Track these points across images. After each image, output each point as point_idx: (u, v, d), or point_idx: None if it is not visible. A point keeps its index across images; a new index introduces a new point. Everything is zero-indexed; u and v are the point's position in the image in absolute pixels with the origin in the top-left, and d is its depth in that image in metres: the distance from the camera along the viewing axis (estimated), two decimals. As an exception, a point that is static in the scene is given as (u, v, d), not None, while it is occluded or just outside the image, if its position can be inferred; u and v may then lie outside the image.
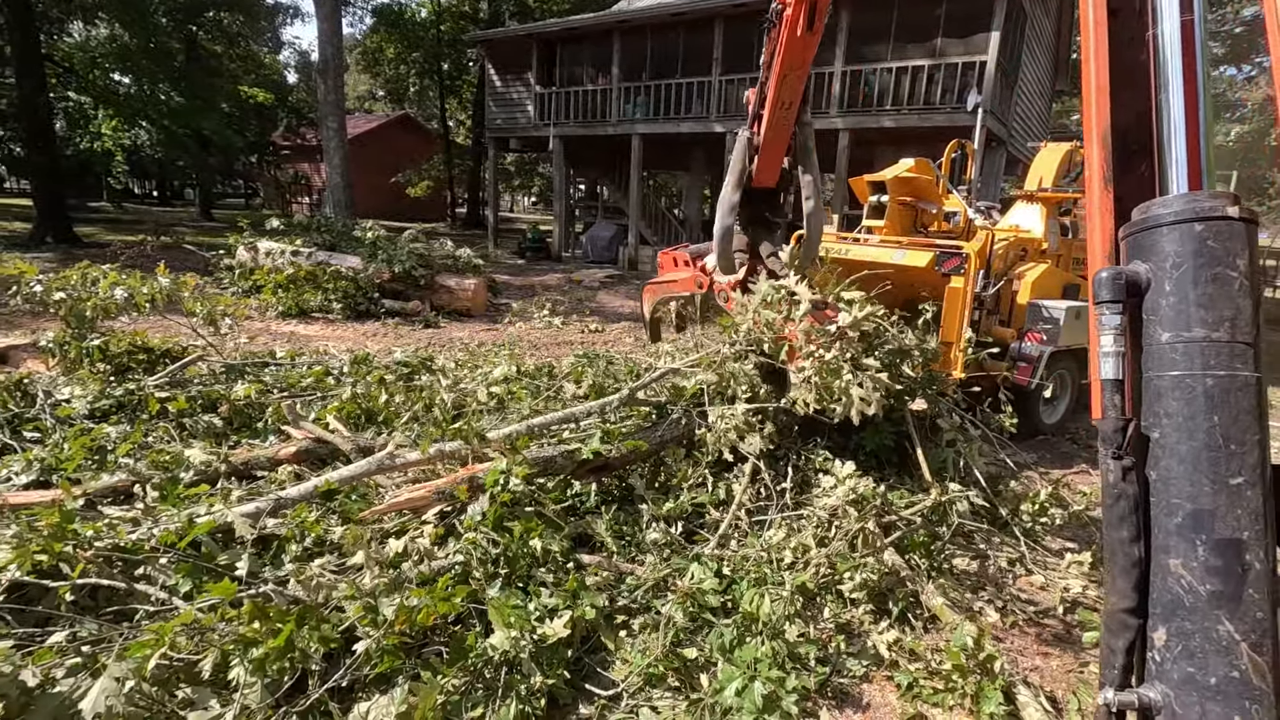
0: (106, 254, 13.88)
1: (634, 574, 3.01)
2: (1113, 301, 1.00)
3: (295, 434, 3.76)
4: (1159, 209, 1.00)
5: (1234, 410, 0.91)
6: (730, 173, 3.83)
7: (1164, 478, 0.95)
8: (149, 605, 2.32)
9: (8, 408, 3.66)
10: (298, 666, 2.05)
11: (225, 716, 1.86)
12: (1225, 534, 0.89)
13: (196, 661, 2.00)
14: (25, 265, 4.04)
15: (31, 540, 2.27)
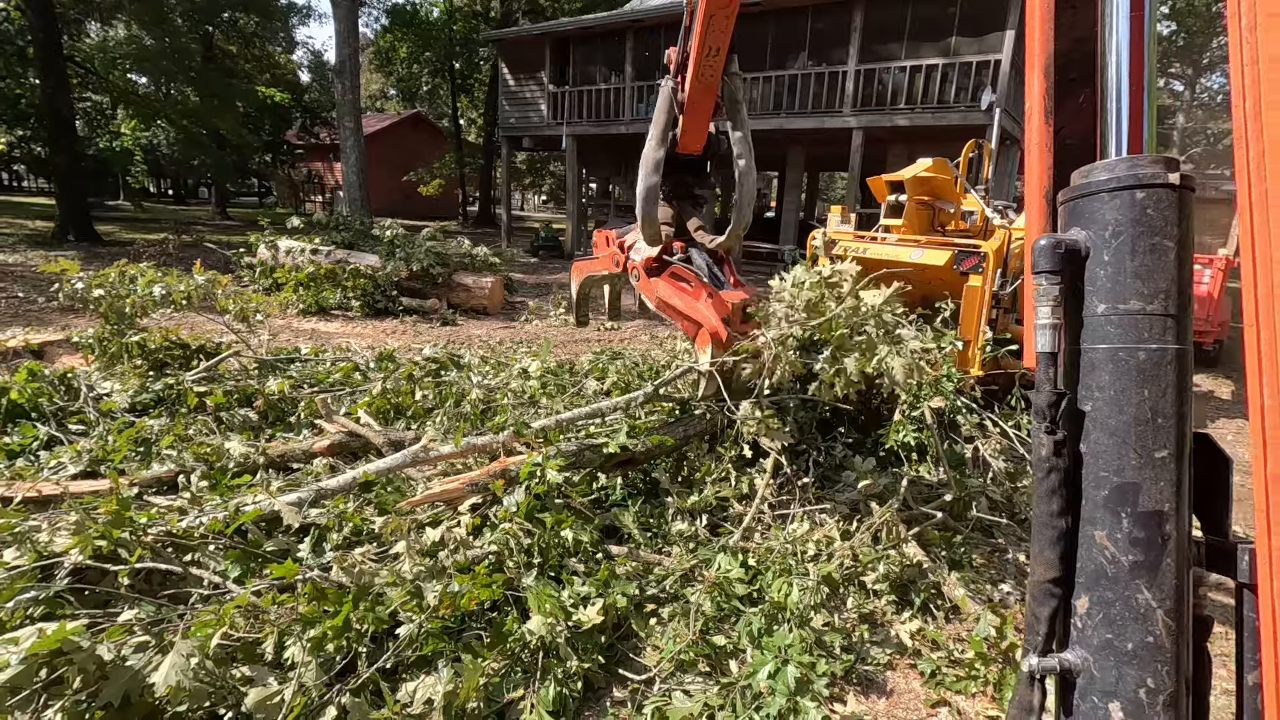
0: (130, 252, 14.11)
1: (661, 564, 3.09)
2: (1052, 271, 0.97)
3: (329, 428, 3.87)
4: (1100, 173, 0.97)
5: (1164, 384, 0.91)
6: (654, 126, 3.41)
7: (1094, 451, 0.96)
8: (201, 589, 2.42)
9: (53, 401, 3.78)
10: (350, 647, 2.14)
11: (284, 693, 1.95)
12: (1149, 506, 0.91)
13: (255, 641, 2.10)
14: (67, 263, 4.16)
15: (91, 527, 2.38)
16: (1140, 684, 0.90)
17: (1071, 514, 0.97)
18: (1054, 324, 0.97)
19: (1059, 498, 0.96)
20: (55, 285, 4.41)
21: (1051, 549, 0.97)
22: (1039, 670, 0.95)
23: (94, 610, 2.30)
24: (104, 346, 4.27)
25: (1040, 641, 0.97)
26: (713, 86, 3.40)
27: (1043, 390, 0.97)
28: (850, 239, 5.64)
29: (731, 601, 2.85)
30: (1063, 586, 0.97)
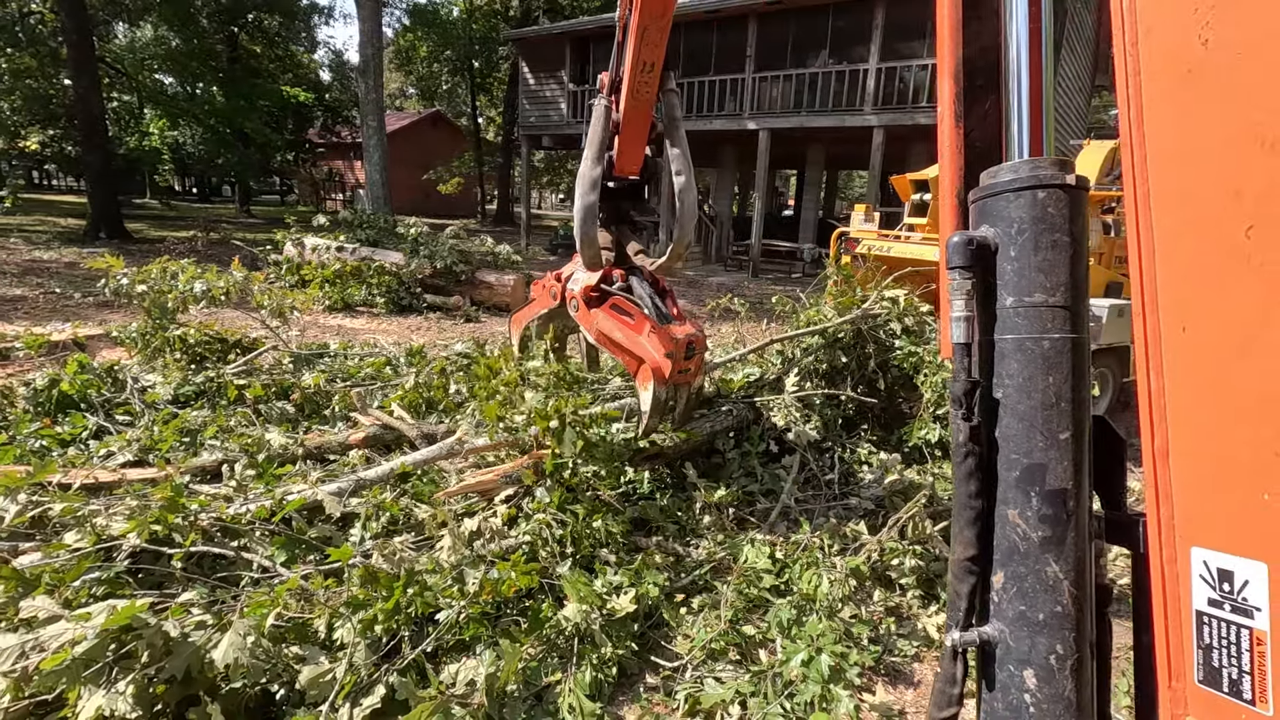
0: (160, 249, 14.41)
1: (690, 556, 3.15)
2: (964, 267, 1.02)
3: (364, 421, 3.97)
4: (1005, 174, 1.03)
5: (1065, 370, 0.97)
6: (589, 145, 3.24)
7: (1005, 435, 1.01)
8: (251, 573, 2.52)
9: (101, 392, 3.92)
10: (397, 630, 2.22)
11: (336, 670, 2.04)
12: (1055, 485, 0.96)
13: (305, 622, 2.19)
14: (113, 260, 4.30)
15: (147, 512, 2.48)
16: (1051, 651, 0.96)
17: (987, 495, 1.02)
18: (967, 316, 1.02)
19: (975, 480, 1.01)
20: (100, 282, 4.55)
21: (970, 529, 1.01)
22: (961, 644, 1.00)
23: (150, 590, 2.41)
24: (146, 341, 4.41)
25: (961, 617, 1.01)
26: (648, 104, 3.24)
27: (959, 379, 1.02)
28: (874, 237, 5.67)
29: (760, 593, 2.91)
30: (980, 564, 1.02)
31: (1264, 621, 0.73)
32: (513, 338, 4.36)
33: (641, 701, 2.37)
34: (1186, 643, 0.81)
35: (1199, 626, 0.79)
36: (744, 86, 16.13)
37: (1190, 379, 0.78)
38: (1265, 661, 0.72)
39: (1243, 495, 0.74)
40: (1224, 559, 0.76)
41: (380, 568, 2.35)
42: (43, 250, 14.04)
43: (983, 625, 1.02)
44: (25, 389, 3.93)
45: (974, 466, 1.01)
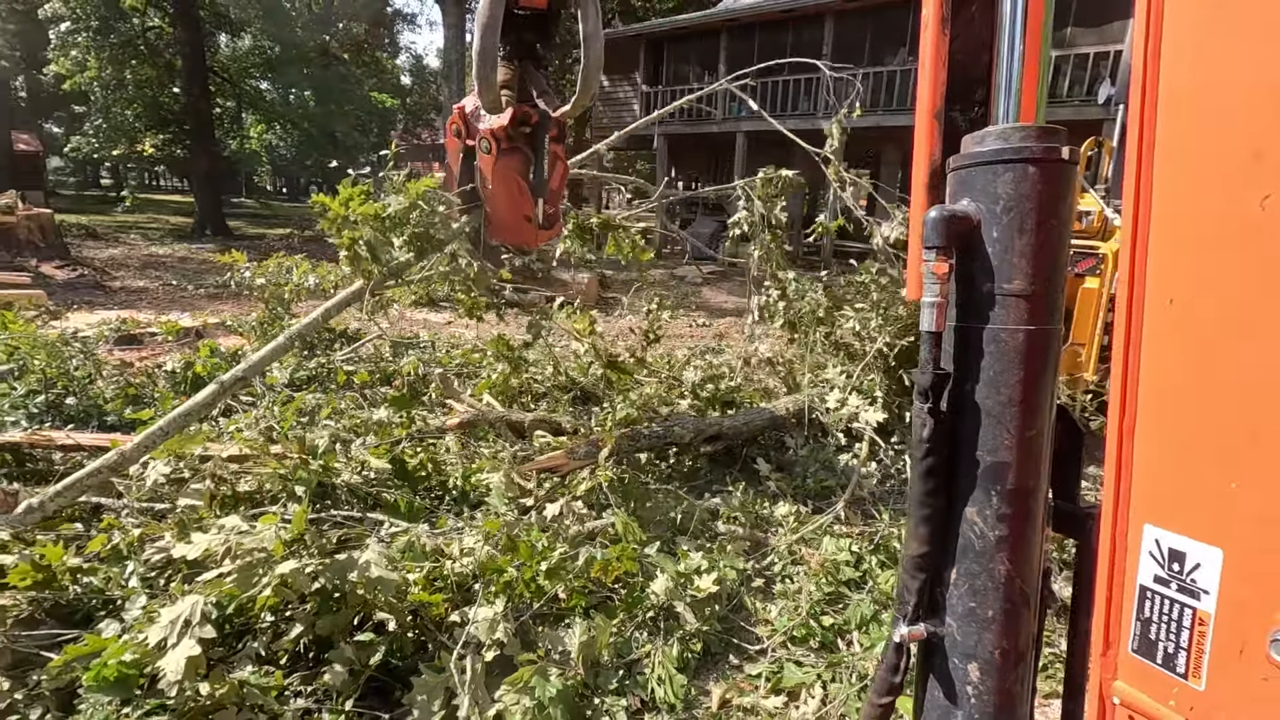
0: (261, 246, 15.44)
1: (768, 545, 3.26)
2: (942, 248, 0.92)
3: (458, 407, 4.24)
4: (993, 142, 0.92)
5: (1038, 364, 0.91)
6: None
7: (969, 431, 0.95)
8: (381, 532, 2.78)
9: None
10: (521, 594, 2.43)
11: (483, 614, 2.24)
12: (1017, 484, 0.93)
13: (442, 575, 2.43)
14: (238, 254, 4.73)
15: (308, 473, 2.80)
16: (997, 646, 0.96)
17: (946, 493, 0.99)
18: (939, 302, 0.94)
19: (935, 477, 0.97)
20: (209, 275, 4.99)
21: (925, 525, 0.98)
22: (908, 638, 1.00)
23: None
24: (264, 329, 4.82)
25: (910, 611, 1.01)
26: None
27: (926, 370, 0.95)
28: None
29: (838, 586, 2.98)
30: (932, 560, 1.00)
31: (1210, 604, 0.72)
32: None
33: (726, 678, 2.50)
34: (1126, 614, 0.81)
35: (1141, 600, 0.79)
36: (819, 86, 15.95)
37: (1170, 355, 0.74)
38: (1205, 641, 0.73)
39: (1208, 480, 0.72)
40: (1177, 540, 0.75)
41: (521, 539, 2.55)
42: (158, 246, 15.26)
43: (930, 618, 1.02)
44: (164, 370, 4.38)
45: (935, 463, 0.96)
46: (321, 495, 3.04)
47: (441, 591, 2.39)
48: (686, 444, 3.88)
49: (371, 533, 2.66)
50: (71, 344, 4.41)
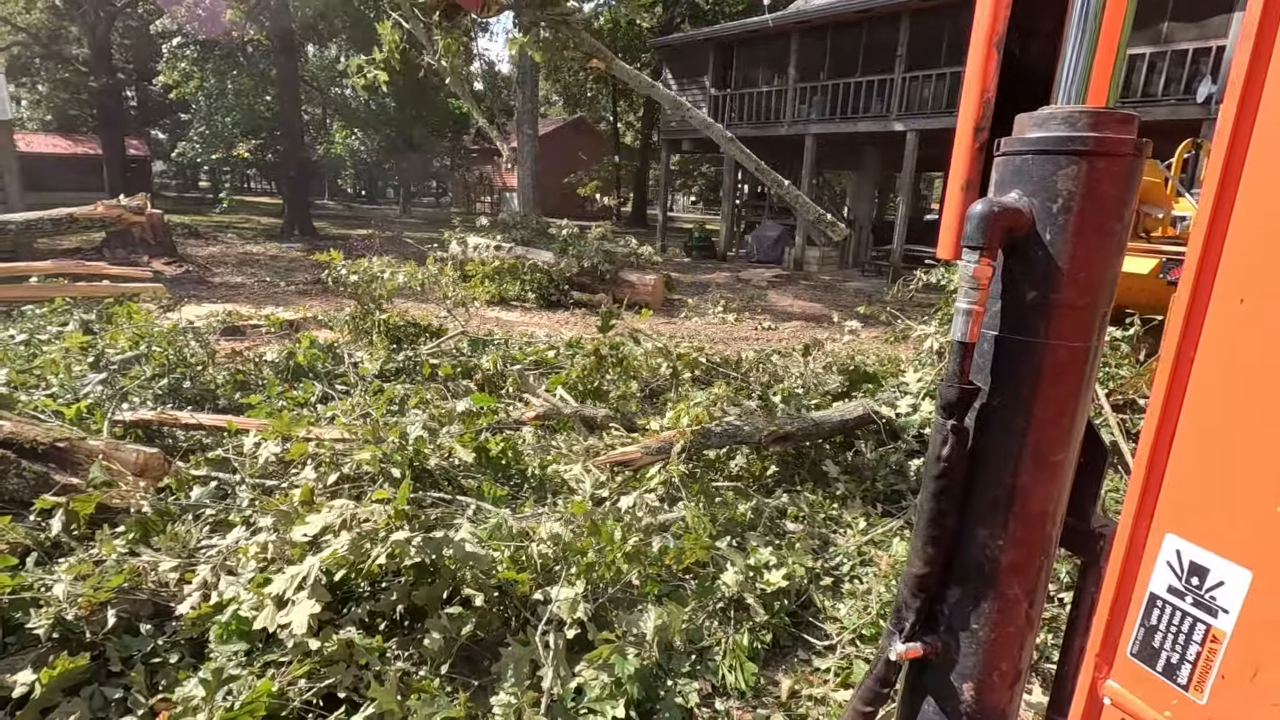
0: (345, 246, 16.29)
1: (836, 545, 3.29)
2: (985, 248, 0.81)
3: (534, 401, 4.43)
4: (1059, 127, 0.79)
5: (1076, 384, 0.83)
6: None
7: (994, 450, 0.88)
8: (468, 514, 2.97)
9: (325, 365, 4.64)
10: (603, 577, 2.57)
11: (565, 594, 2.39)
12: (1036, 509, 0.88)
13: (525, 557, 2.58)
14: (334, 253, 5.07)
15: (403, 456, 3.03)
16: (994, 668, 0.93)
17: (958, 513, 0.92)
18: (975, 309, 0.83)
19: (949, 497, 0.91)
20: (299, 272, 5.35)
21: (933, 547, 0.93)
22: (903, 655, 0.97)
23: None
24: (356, 324, 5.15)
25: (907, 628, 0.98)
26: None
27: (953, 383, 0.87)
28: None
29: (908, 589, 2.99)
30: (935, 580, 0.96)
31: (1227, 623, 0.68)
32: None
33: (795, 671, 2.56)
34: (1130, 617, 0.77)
35: (1148, 606, 0.75)
36: (892, 87, 15.63)
37: (1232, 359, 0.67)
38: (1215, 659, 0.70)
39: (1250, 499, 0.66)
40: (1202, 554, 0.70)
41: (603, 524, 2.69)
42: (251, 244, 16.29)
43: (926, 635, 0.98)
44: (267, 360, 4.74)
45: (951, 484, 0.90)
46: (414, 479, 3.25)
47: (526, 571, 2.54)
48: (755, 443, 3.94)
49: (460, 514, 2.85)
50: (186, 334, 4.82)
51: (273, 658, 2.20)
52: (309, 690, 2.10)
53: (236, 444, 3.41)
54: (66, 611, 2.19)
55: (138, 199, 9.51)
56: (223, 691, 2.04)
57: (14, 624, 2.19)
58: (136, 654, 2.22)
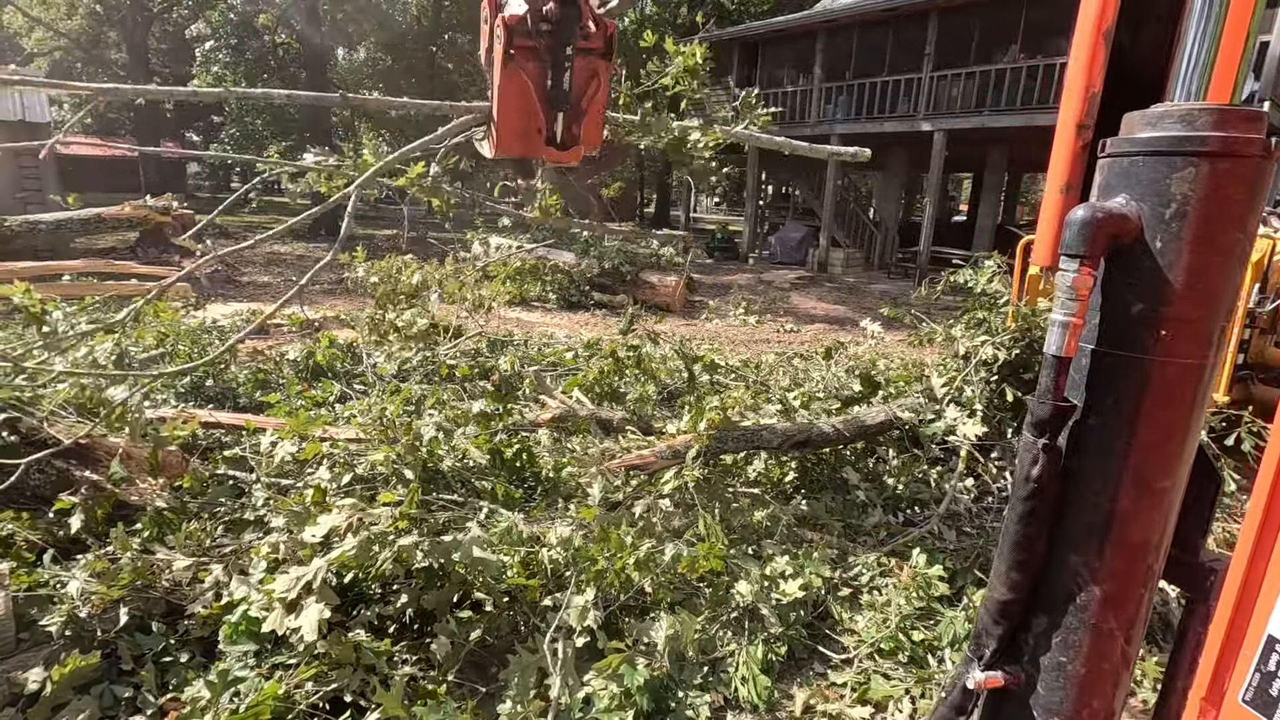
0: (369, 246, 16.51)
1: (855, 554, 3.21)
2: (1086, 256, 0.74)
3: (550, 403, 4.40)
4: (1174, 125, 0.71)
5: (1186, 404, 0.76)
6: None
7: (1089, 472, 0.82)
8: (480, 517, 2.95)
9: (343, 365, 4.67)
10: (613, 584, 2.52)
11: (576, 601, 2.35)
12: (1136, 538, 0.81)
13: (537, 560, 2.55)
14: (357, 253, 5.10)
15: (415, 458, 3.01)
16: (1085, 705, 0.85)
17: (1047, 538, 0.86)
18: (1073, 321, 0.77)
19: (1038, 520, 0.85)
20: (326, 272, 5.39)
21: (1019, 572, 0.87)
22: (982, 684, 0.92)
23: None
24: (375, 324, 5.17)
25: (987, 656, 0.93)
26: None
27: (1046, 400, 0.81)
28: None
29: (930, 601, 2.90)
30: (1020, 607, 0.90)
31: None
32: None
33: (810, 684, 2.49)
34: (1243, 661, 0.71)
35: (1266, 651, 0.68)
36: (919, 86, 15.39)
37: None
38: None
39: None
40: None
41: (614, 530, 2.65)
42: (279, 244, 16.53)
43: (1007, 664, 0.93)
44: (289, 359, 4.78)
45: (1040, 506, 0.85)
46: (426, 480, 3.24)
47: (536, 576, 2.51)
48: (773, 449, 3.87)
49: (472, 517, 2.82)
50: (210, 332, 4.88)
51: (281, 659, 2.19)
52: (315, 693, 2.08)
53: (254, 443, 3.42)
54: (80, 609, 2.21)
55: (164, 200, 9.72)
56: (229, 693, 2.03)
57: (28, 620, 2.21)
58: (148, 652, 2.23)
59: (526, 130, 2.61)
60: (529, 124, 2.60)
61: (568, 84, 2.55)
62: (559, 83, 2.54)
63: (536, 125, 2.59)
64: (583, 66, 2.59)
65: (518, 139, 2.64)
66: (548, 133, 2.59)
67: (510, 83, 2.51)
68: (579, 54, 2.55)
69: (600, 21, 2.56)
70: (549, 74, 2.53)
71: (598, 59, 2.62)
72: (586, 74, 2.62)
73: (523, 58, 2.49)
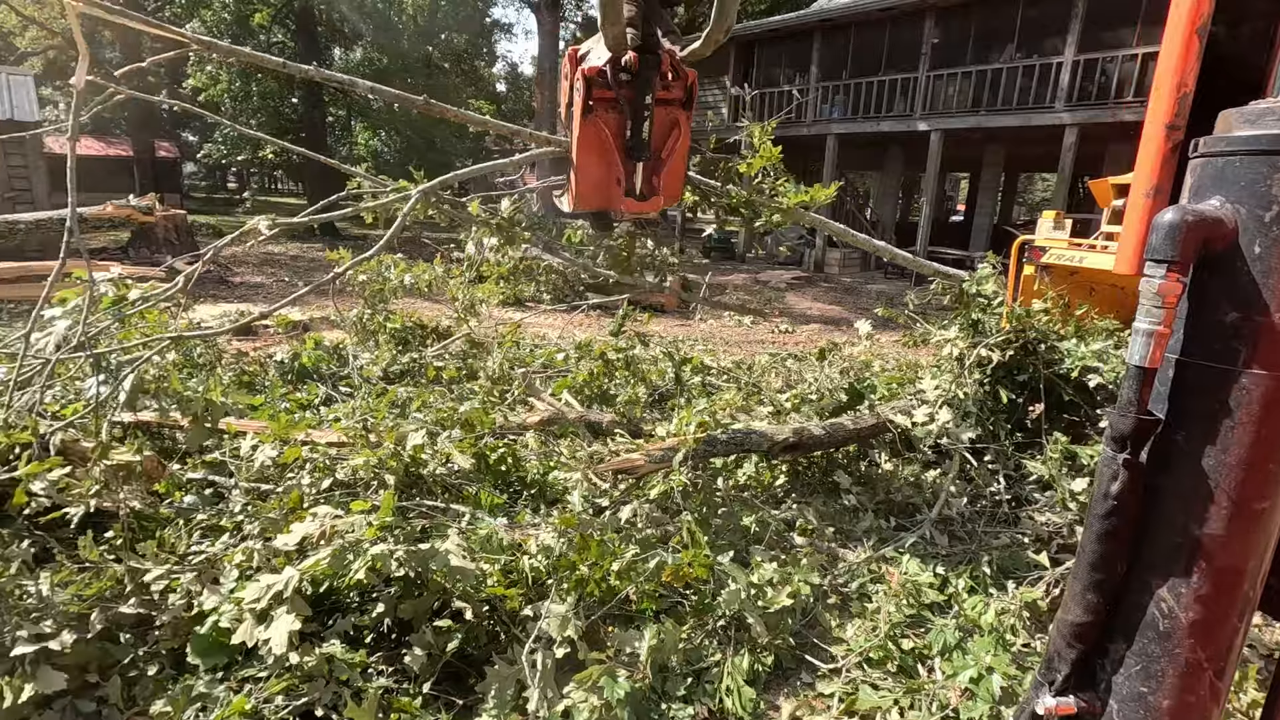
0: (364, 245, 16.43)
1: (845, 560, 3.15)
2: (1177, 262, 0.71)
3: (538, 405, 4.35)
4: (1276, 124, 0.67)
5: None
6: None
7: (1176, 491, 0.78)
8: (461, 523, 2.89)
9: (329, 367, 4.60)
10: (591, 593, 2.46)
11: (555, 610, 2.29)
12: (1228, 563, 0.76)
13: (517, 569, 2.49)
14: (344, 252, 5.03)
15: (397, 463, 2.95)
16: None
17: (1127, 558, 0.82)
18: (1160, 330, 0.73)
19: (1117, 541, 0.81)
20: (319, 272, 5.33)
21: (1095, 593, 0.84)
22: (1054, 711, 0.88)
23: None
24: (363, 325, 5.11)
25: (1060, 681, 0.89)
26: None
27: (1128, 413, 0.77)
28: (1065, 247, 5.24)
29: (920, 609, 2.84)
30: (1097, 630, 0.86)
31: None
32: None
33: (798, 695, 2.43)
34: None
35: None
36: (916, 85, 15.35)
37: None
38: None
39: None
40: None
41: (593, 538, 2.59)
42: (273, 244, 16.46)
43: (1081, 692, 0.89)
44: (274, 361, 4.71)
45: (1122, 524, 0.81)
46: (409, 485, 3.18)
47: (517, 585, 2.45)
48: (764, 452, 3.81)
49: (453, 523, 2.76)
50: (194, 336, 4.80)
51: (251, 672, 2.13)
52: (285, 708, 2.02)
53: (234, 447, 3.36)
54: (45, 620, 2.15)
55: (147, 199, 9.64)
56: (195, 708, 1.97)
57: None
58: (115, 664, 2.17)
59: (606, 182, 2.59)
60: (608, 176, 2.58)
61: (647, 134, 2.52)
62: (639, 133, 2.51)
63: (616, 176, 2.57)
64: (663, 117, 2.56)
65: (597, 191, 2.62)
66: (627, 184, 2.57)
67: (590, 135, 2.49)
68: (659, 104, 2.53)
69: (681, 71, 2.53)
70: (629, 125, 2.50)
71: (678, 109, 2.59)
72: (667, 124, 2.59)
73: (602, 109, 2.48)
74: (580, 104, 2.46)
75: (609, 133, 2.51)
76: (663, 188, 2.66)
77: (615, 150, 2.54)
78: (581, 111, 2.47)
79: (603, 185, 2.61)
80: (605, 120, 2.49)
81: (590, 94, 2.43)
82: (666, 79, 2.51)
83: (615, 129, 2.51)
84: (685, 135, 2.66)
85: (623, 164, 2.54)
